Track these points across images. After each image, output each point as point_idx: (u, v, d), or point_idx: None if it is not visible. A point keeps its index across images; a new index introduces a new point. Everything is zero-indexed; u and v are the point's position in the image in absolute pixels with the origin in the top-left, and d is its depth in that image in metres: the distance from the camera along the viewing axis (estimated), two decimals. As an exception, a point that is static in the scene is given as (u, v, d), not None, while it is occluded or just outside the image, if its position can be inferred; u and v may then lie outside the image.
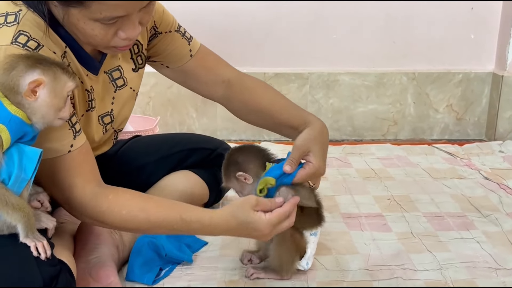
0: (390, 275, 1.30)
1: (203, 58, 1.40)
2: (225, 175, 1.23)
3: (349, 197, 1.78)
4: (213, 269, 1.33)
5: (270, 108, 1.37)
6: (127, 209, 1.11)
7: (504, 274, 1.31)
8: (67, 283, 1.03)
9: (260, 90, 1.40)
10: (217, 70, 1.41)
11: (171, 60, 1.38)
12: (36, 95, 0.96)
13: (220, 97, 1.42)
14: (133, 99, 1.37)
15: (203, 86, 1.41)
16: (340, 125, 2.52)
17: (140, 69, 1.35)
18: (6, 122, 0.94)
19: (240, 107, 1.41)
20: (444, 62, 2.49)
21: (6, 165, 0.94)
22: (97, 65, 1.20)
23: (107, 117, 1.28)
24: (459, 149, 2.26)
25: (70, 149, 1.08)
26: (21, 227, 0.97)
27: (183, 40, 1.38)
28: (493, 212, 1.64)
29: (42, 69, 0.95)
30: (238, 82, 1.41)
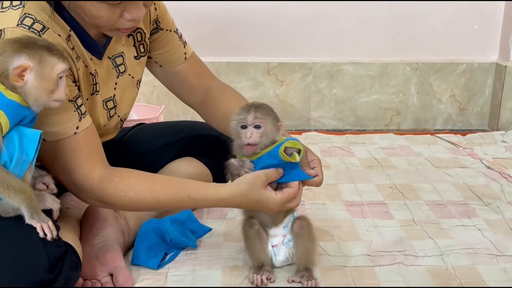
0: (392, 261, 1.32)
1: (195, 63, 1.46)
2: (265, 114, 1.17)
3: (351, 185, 1.80)
4: (217, 254, 1.35)
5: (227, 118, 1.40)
6: (134, 190, 1.13)
7: (505, 261, 1.33)
8: (73, 264, 1.05)
9: (234, 99, 1.44)
10: (204, 77, 1.47)
11: (166, 59, 1.41)
12: (24, 79, 0.97)
13: (198, 103, 1.48)
14: (134, 86, 1.38)
15: (187, 90, 1.46)
16: (343, 115, 2.53)
17: (142, 57, 1.37)
18: (3, 107, 0.95)
19: (211, 114, 1.46)
20: (448, 53, 2.50)
21: (7, 148, 0.96)
22: (101, 49, 1.22)
23: (110, 102, 1.30)
24: (461, 139, 2.27)
25: (76, 131, 1.09)
26: (24, 209, 0.98)
27: (180, 43, 1.43)
28: (494, 201, 1.65)
29: (27, 54, 0.96)
30: (216, 90, 1.46)
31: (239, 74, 2.46)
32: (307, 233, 1.23)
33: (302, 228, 1.24)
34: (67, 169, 1.10)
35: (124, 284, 1.18)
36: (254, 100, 1.42)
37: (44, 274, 0.98)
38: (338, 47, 2.48)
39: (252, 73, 2.46)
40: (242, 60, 2.46)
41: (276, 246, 1.25)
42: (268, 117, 1.17)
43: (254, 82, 2.47)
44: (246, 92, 2.46)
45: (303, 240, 1.22)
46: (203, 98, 1.46)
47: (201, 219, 1.50)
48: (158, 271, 1.27)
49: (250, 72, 2.46)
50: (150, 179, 1.16)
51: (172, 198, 1.14)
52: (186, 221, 1.43)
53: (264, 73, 2.46)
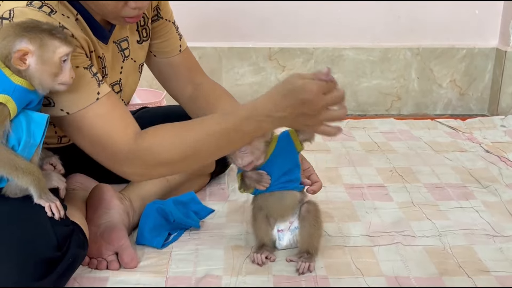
0: (390, 241, 1.35)
1: (188, 57, 1.48)
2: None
3: (352, 168, 1.82)
4: (219, 234, 1.38)
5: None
6: (171, 133, 1.09)
7: (501, 241, 1.36)
8: (80, 242, 1.09)
9: (224, 99, 1.45)
10: (195, 72, 1.48)
11: (162, 49, 1.43)
12: (26, 63, 0.99)
13: (187, 97, 1.46)
14: (136, 70, 1.40)
15: (176, 83, 1.46)
16: (344, 100, 2.54)
17: (144, 42, 1.39)
18: (10, 92, 0.97)
19: (202, 109, 1.42)
20: (448, 38, 2.51)
21: (15, 132, 0.99)
22: (107, 34, 1.24)
23: (116, 86, 1.32)
24: (461, 123, 2.29)
25: (98, 96, 1.08)
26: (32, 189, 1.01)
27: (176, 35, 1.44)
28: (492, 183, 1.68)
29: (29, 38, 0.98)
30: (207, 87, 1.46)
31: (240, 59, 2.48)
32: (313, 218, 1.25)
33: (309, 212, 1.25)
34: (100, 137, 1.07)
35: (129, 262, 1.21)
36: (256, 85, 1.45)
37: (52, 252, 1.01)
38: (339, 32, 2.49)
39: (254, 58, 2.48)
40: (243, 46, 2.47)
41: (282, 231, 1.27)
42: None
43: (255, 68, 2.49)
44: (247, 78, 2.49)
45: (308, 225, 1.24)
46: (192, 93, 1.46)
47: (203, 201, 1.53)
48: (162, 250, 1.30)
49: (252, 58, 2.48)
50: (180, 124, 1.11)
51: (212, 126, 1.07)
52: (189, 203, 1.46)
53: (265, 58, 2.48)
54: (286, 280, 1.19)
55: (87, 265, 1.21)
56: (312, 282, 1.18)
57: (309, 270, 1.21)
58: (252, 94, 2.50)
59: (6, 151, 0.98)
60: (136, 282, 1.17)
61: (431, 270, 1.23)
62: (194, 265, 1.24)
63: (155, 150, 1.08)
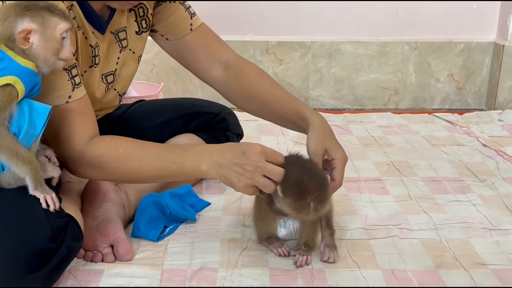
0: (387, 234, 1.34)
1: (203, 34, 1.40)
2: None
3: (349, 162, 1.77)
4: (215, 227, 1.37)
5: (265, 97, 1.37)
6: (124, 147, 1.14)
7: (498, 234, 1.36)
8: (75, 234, 1.08)
9: (256, 78, 1.40)
10: (216, 49, 1.41)
11: (171, 31, 1.39)
12: (30, 41, 1.00)
13: (216, 79, 1.41)
14: (134, 61, 1.39)
15: (199, 64, 1.41)
16: (341, 94, 2.54)
17: (144, 33, 1.37)
18: (18, 74, 0.98)
19: (235, 93, 1.40)
20: (446, 32, 2.51)
21: (17, 120, 0.99)
22: (104, 24, 1.23)
23: (110, 76, 1.31)
24: (458, 117, 2.29)
25: (68, 100, 1.11)
26: (29, 179, 1.01)
27: (186, 13, 1.39)
28: (489, 177, 1.68)
29: (30, 16, 0.99)
30: (235, 66, 1.40)
31: (238, 53, 2.45)
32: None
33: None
34: (59, 136, 1.11)
35: (124, 255, 1.21)
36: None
37: (46, 243, 1.00)
38: (337, 26, 2.49)
39: (251, 52, 2.47)
40: (241, 39, 2.46)
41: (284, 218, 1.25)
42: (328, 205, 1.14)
43: (253, 61, 2.43)
44: (245, 71, 2.48)
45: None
46: (220, 73, 1.41)
47: (200, 194, 1.52)
48: (158, 243, 1.29)
49: (249, 51, 2.47)
50: (139, 140, 1.17)
51: (159, 152, 1.14)
52: (186, 196, 1.46)
53: (263, 52, 2.47)
54: (282, 273, 1.19)
55: (82, 258, 1.21)
56: (308, 275, 1.18)
57: (307, 263, 1.21)
58: (249, 88, 2.49)
59: (9, 136, 0.98)
60: (131, 275, 1.17)
61: (428, 263, 1.23)
62: (190, 258, 1.24)
63: (106, 155, 1.13)
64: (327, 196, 1.10)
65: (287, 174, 1.10)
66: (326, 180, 1.13)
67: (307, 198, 1.08)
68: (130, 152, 1.14)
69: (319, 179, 1.11)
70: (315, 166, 1.16)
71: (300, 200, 1.08)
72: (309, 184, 1.08)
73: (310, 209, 1.08)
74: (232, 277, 1.17)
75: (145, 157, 1.14)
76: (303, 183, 1.08)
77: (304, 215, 1.10)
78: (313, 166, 1.16)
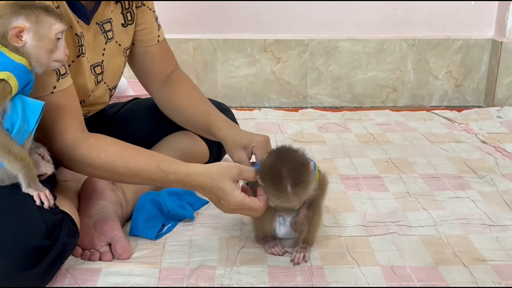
0: (386, 231, 1.34)
1: (165, 48, 1.47)
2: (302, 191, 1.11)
3: (347, 160, 1.81)
4: (214, 225, 1.37)
5: (188, 110, 1.42)
6: (106, 154, 1.13)
7: (497, 230, 1.35)
8: (70, 231, 1.07)
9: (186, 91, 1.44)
10: (168, 64, 1.47)
11: (141, 37, 1.42)
12: (23, 40, 1.00)
13: (155, 88, 1.47)
14: (120, 54, 1.39)
15: (150, 74, 1.46)
16: (340, 92, 2.53)
17: (129, 25, 1.38)
18: (12, 70, 0.97)
19: (166, 102, 1.46)
20: (444, 29, 2.50)
21: (10, 116, 0.98)
22: (89, 14, 1.23)
23: (98, 67, 1.31)
24: (457, 114, 2.28)
25: (53, 90, 1.10)
26: (22, 177, 1.00)
27: (155, 24, 1.43)
28: (488, 173, 1.67)
29: (25, 15, 0.99)
30: (174, 79, 1.46)
31: (235, 51, 2.46)
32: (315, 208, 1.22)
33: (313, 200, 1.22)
34: (44, 127, 1.10)
35: (122, 253, 1.20)
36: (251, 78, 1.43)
37: (41, 240, 0.99)
38: (334, 23, 2.48)
39: (249, 50, 2.46)
40: (238, 37, 2.45)
41: (284, 217, 1.23)
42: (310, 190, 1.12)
43: (250, 59, 2.47)
44: (242, 70, 2.47)
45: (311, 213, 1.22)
46: (159, 84, 1.46)
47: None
48: (155, 242, 1.29)
49: (247, 49, 2.46)
50: (124, 146, 1.16)
51: (142, 166, 1.13)
52: (184, 194, 1.45)
53: (261, 50, 2.46)
54: (281, 271, 1.18)
55: (79, 256, 1.20)
56: (307, 272, 1.17)
57: (304, 260, 1.20)
58: (247, 86, 2.48)
59: (2, 132, 0.97)
60: (129, 273, 1.16)
61: (427, 260, 1.22)
62: (188, 256, 1.23)
63: (88, 158, 1.12)
64: (303, 179, 1.09)
65: (265, 163, 1.13)
66: (303, 165, 1.11)
67: (282, 183, 1.08)
68: (112, 160, 1.13)
69: (293, 164, 1.10)
70: (296, 153, 1.15)
71: (276, 185, 1.09)
72: (283, 169, 1.09)
73: (289, 193, 1.08)
74: (230, 275, 1.16)
75: (126, 170, 1.13)
76: (276, 168, 1.10)
77: (284, 201, 1.10)
78: (292, 153, 1.15)
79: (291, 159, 1.12)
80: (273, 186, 1.10)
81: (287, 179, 1.08)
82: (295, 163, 1.11)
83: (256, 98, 2.50)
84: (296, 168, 1.10)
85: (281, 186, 1.09)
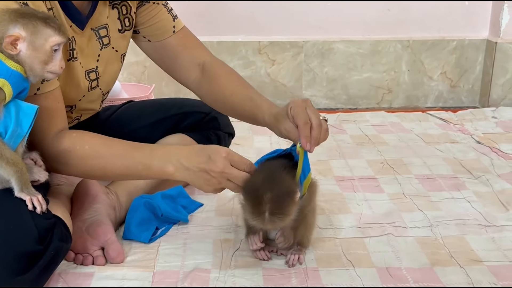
0: (381, 232, 1.33)
1: (185, 37, 1.41)
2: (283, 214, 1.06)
3: (342, 161, 1.81)
4: (208, 228, 1.36)
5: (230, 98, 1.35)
6: (90, 143, 1.13)
7: (493, 231, 1.34)
8: (63, 235, 1.06)
9: (224, 79, 1.39)
10: (195, 51, 1.42)
11: (154, 32, 1.38)
12: (17, 48, 0.99)
13: (193, 81, 1.41)
14: (117, 60, 1.37)
15: (179, 67, 1.41)
16: (335, 93, 2.53)
17: (127, 31, 1.36)
18: (7, 77, 0.97)
19: (206, 94, 1.41)
20: (439, 30, 2.50)
21: (3, 120, 0.97)
22: (83, 19, 1.21)
23: (92, 73, 1.29)
24: (452, 115, 2.28)
25: (36, 92, 1.09)
26: (14, 181, 0.99)
27: (169, 16, 1.39)
28: (484, 174, 1.67)
29: (22, 24, 0.98)
30: (209, 68, 1.41)
31: (230, 54, 2.45)
32: (310, 210, 1.21)
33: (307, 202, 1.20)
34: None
35: (115, 257, 1.19)
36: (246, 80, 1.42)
37: (33, 245, 0.98)
38: (329, 25, 2.48)
39: (243, 52, 2.45)
40: (233, 39, 2.45)
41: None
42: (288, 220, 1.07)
43: (245, 61, 2.47)
44: (237, 71, 2.45)
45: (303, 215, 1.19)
46: (196, 75, 1.40)
47: (192, 195, 1.50)
48: (149, 245, 1.28)
49: (241, 51, 2.45)
50: (107, 137, 1.16)
51: (126, 151, 1.13)
52: (178, 197, 1.44)
53: (255, 52, 2.46)
54: (276, 273, 1.17)
55: (72, 261, 1.19)
56: (302, 274, 1.16)
57: (299, 262, 1.19)
58: (242, 89, 2.47)
59: None
60: (123, 277, 1.15)
61: (423, 261, 1.21)
62: (182, 259, 1.22)
63: (71, 150, 1.12)
64: (283, 211, 1.05)
65: (251, 180, 1.08)
66: (287, 195, 1.06)
67: (261, 208, 1.04)
68: (96, 149, 1.13)
69: (278, 192, 1.05)
70: (285, 177, 1.09)
71: (255, 207, 1.05)
72: (266, 195, 1.04)
73: (265, 219, 1.04)
74: (225, 278, 1.15)
75: (111, 156, 1.13)
76: (260, 192, 1.04)
77: (260, 223, 1.06)
78: (281, 177, 1.09)
79: (278, 184, 1.07)
80: (252, 207, 1.06)
81: (267, 205, 1.03)
82: (280, 191, 1.06)
83: (251, 100, 2.49)
84: (279, 198, 1.05)
85: (260, 210, 1.04)
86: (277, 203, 1.04)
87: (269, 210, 1.04)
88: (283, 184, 1.07)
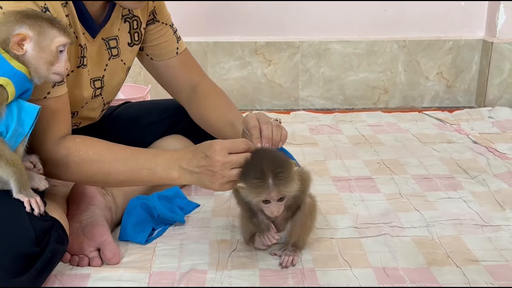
0: (378, 232, 1.33)
1: (186, 59, 1.47)
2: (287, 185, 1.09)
3: (339, 161, 1.81)
4: (205, 229, 1.36)
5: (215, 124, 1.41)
6: (94, 149, 1.14)
7: (490, 231, 1.34)
8: (60, 237, 1.06)
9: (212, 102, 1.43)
10: (192, 74, 1.48)
11: (158, 52, 1.43)
12: (24, 48, 0.99)
13: (184, 100, 1.48)
14: (123, 72, 1.39)
15: (176, 86, 1.47)
16: (331, 94, 2.53)
17: (135, 45, 1.39)
18: (10, 77, 0.97)
19: (194, 114, 1.47)
20: (435, 30, 2.50)
21: (5, 119, 0.97)
22: (97, 27, 1.23)
23: (98, 81, 1.30)
24: (448, 115, 2.28)
25: (46, 95, 1.10)
26: (13, 182, 0.99)
27: (173, 37, 1.44)
28: (480, 174, 1.67)
29: (28, 24, 0.99)
30: (200, 89, 1.46)
31: (226, 54, 2.45)
32: (308, 212, 1.21)
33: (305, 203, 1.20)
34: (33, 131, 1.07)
35: (111, 258, 1.18)
36: (243, 80, 1.42)
37: (30, 247, 0.98)
38: (325, 25, 2.48)
39: (240, 53, 2.45)
40: (229, 40, 2.45)
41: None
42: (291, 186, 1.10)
43: (241, 62, 2.46)
44: (233, 72, 2.47)
45: (300, 217, 1.20)
46: (188, 95, 1.46)
47: (189, 196, 1.50)
48: (146, 246, 1.27)
49: (238, 52, 2.45)
50: (110, 142, 1.17)
51: (130, 153, 1.14)
52: (174, 198, 1.44)
53: (251, 52, 2.45)
54: (272, 274, 1.17)
55: (68, 262, 1.19)
56: (299, 275, 1.16)
57: (293, 264, 1.19)
58: (238, 89, 2.48)
59: None
60: (119, 278, 1.14)
61: (420, 261, 1.21)
62: (178, 260, 1.22)
63: (76, 155, 1.12)
64: (285, 173, 1.08)
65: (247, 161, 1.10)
66: (286, 162, 1.10)
67: (264, 174, 1.07)
68: (100, 154, 1.13)
69: (276, 160, 1.09)
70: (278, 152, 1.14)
71: (258, 176, 1.07)
72: (265, 162, 1.08)
73: (270, 184, 1.06)
74: (221, 279, 1.15)
75: (115, 161, 1.13)
76: (258, 162, 1.08)
77: (265, 191, 1.07)
78: (275, 153, 1.13)
79: (274, 156, 1.11)
80: (255, 177, 1.07)
81: (268, 171, 1.07)
82: (278, 159, 1.10)
83: (247, 100, 2.49)
84: (279, 163, 1.09)
85: (263, 176, 1.06)
86: (278, 167, 1.08)
87: (272, 174, 1.07)
88: (277, 155, 1.12)
